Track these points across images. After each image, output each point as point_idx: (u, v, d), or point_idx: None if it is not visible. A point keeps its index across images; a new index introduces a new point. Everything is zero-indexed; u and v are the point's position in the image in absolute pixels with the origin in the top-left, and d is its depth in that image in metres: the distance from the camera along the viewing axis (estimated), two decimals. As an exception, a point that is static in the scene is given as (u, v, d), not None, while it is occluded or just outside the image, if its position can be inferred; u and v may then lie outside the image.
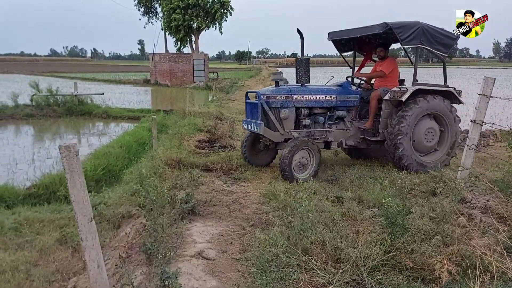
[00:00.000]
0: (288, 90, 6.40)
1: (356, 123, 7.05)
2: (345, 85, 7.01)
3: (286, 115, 6.36)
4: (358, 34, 7.02)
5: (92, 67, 75.38)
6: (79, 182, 2.44)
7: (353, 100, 6.93)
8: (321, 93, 6.63)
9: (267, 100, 6.29)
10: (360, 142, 7.08)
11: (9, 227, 4.74)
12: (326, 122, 6.76)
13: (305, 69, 6.52)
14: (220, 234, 4.05)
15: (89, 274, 2.50)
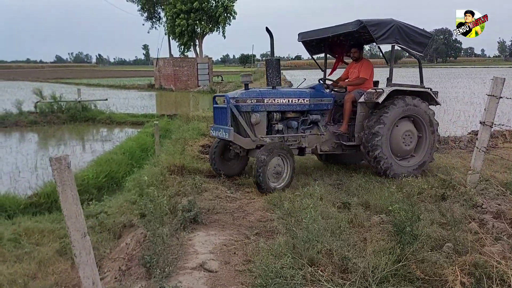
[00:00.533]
0: (258, 93, 6.04)
1: (331, 127, 6.73)
2: (318, 87, 6.67)
3: (258, 119, 5.98)
4: (331, 33, 6.65)
5: (97, 73, 75.75)
6: (71, 195, 2.33)
7: (327, 103, 6.59)
8: (293, 96, 6.27)
9: (236, 104, 5.88)
10: (335, 147, 6.78)
11: (8, 238, 4.65)
12: (300, 126, 6.42)
13: (276, 70, 6.18)
14: (223, 244, 3.92)
15: (84, 292, 2.39)
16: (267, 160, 5.52)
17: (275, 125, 6.18)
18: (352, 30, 6.17)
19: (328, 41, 7.39)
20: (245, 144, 5.97)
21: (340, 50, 7.54)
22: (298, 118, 6.41)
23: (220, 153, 6.55)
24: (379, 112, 6.25)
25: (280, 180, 5.79)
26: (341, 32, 6.47)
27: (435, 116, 6.78)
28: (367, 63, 6.97)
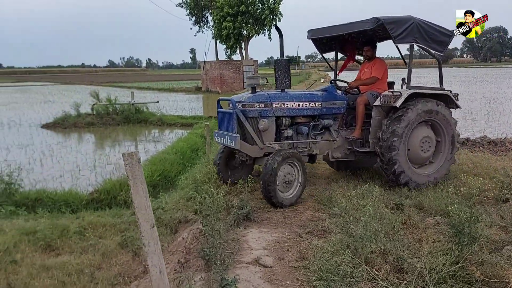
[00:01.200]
0: (267, 96, 5.54)
1: (343, 132, 6.22)
2: (330, 89, 6.15)
3: (266, 126, 5.49)
4: (344, 31, 6.10)
5: (147, 77, 78.37)
6: (142, 188, 2.50)
7: (339, 107, 6.07)
8: (304, 100, 5.78)
9: (243, 109, 5.40)
10: (348, 153, 6.26)
11: (74, 231, 4.97)
12: (310, 132, 5.93)
13: (285, 72, 5.75)
14: (276, 241, 4.01)
15: (151, 279, 2.54)
16: (276, 169, 5.02)
17: (284, 131, 5.74)
18: (368, 28, 5.66)
19: (339, 39, 6.88)
20: (252, 152, 5.51)
21: (352, 48, 7.05)
22: (309, 123, 5.96)
23: (225, 160, 6.11)
24: (396, 118, 5.71)
25: (291, 191, 5.30)
26: (355, 31, 5.98)
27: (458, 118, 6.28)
28: (380, 62, 6.52)
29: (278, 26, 5.83)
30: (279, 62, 5.75)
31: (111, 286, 3.75)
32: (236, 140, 5.26)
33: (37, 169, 9.39)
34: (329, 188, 5.83)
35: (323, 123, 5.96)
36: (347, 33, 6.21)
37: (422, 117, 5.78)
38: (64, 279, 3.88)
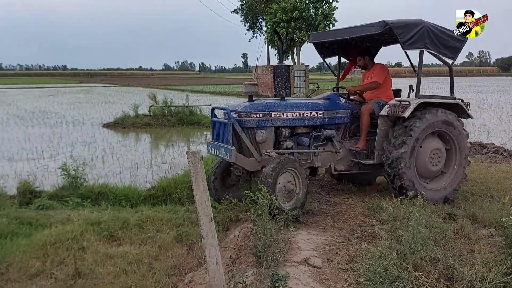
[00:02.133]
0: (265, 105, 5.19)
1: (346, 143, 5.88)
2: (332, 97, 5.81)
3: (264, 137, 5.14)
4: (348, 35, 5.80)
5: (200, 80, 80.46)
6: (202, 185, 2.71)
7: (343, 116, 5.72)
8: (305, 109, 5.41)
9: (239, 118, 5.05)
10: (352, 166, 5.92)
11: (134, 224, 5.31)
12: (312, 143, 5.56)
13: (285, 79, 5.43)
14: (325, 244, 4.11)
15: (208, 269, 2.74)
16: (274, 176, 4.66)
17: (284, 142, 5.37)
18: (374, 33, 5.37)
19: (342, 43, 6.51)
20: (249, 165, 5.15)
21: (355, 52, 6.62)
22: (310, 134, 5.58)
23: (221, 177, 5.73)
24: (404, 128, 5.43)
25: (293, 200, 4.91)
26: (361, 35, 5.69)
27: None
28: (380, 67, 6.21)
29: (277, 30, 5.80)
30: (278, 69, 5.42)
31: (167, 276, 4.00)
32: (232, 153, 4.87)
33: (99, 165, 10.01)
34: (379, 195, 5.83)
35: (325, 134, 5.60)
36: (351, 37, 5.89)
37: (432, 128, 5.50)
38: (125, 267, 4.18)
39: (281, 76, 5.40)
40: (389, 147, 5.46)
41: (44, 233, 4.74)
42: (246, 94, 5.30)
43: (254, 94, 5.29)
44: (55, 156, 11.04)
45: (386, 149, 5.50)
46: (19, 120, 19.21)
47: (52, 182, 7.95)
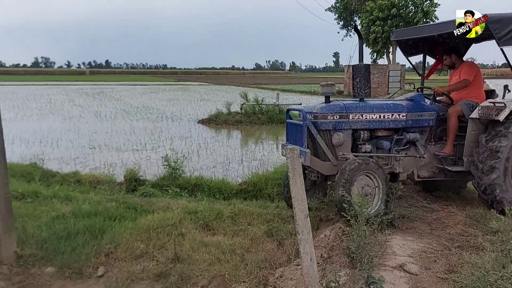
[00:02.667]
0: (342, 107, 4.95)
1: (431, 148, 5.44)
2: (417, 98, 5.42)
3: (340, 140, 4.91)
4: (435, 32, 5.32)
5: (290, 79, 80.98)
6: (299, 181, 2.74)
7: (428, 119, 5.32)
8: (386, 111, 5.10)
9: (314, 120, 4.86)
10: (437, 172, 5.48)
11: (227, 216, 5.53)
12: (393, 147, 5.21)
13: (364, 79, 5.17)
14: (422, 251, 3.92)
15: (302, 265, 2.77)
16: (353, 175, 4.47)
17: (362, 146, 5.09)
18: None
19: (428, 40, 6.03)
20: (324, 169, 4.96)
21: (442, 50, 6.09)
22: (391, 137, 5.24)
23: None
24: (498, 134, 4.87)
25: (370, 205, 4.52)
26: (448, 31, 5.08)
27: None
28: (468, 64, 5.71)
29: (357, 27, 5.49)
30: (358, 68, 5.17)
31: (258, 269, 4.11)
32: (306, 156, 4.69)
33: (195, 159, 10.58)
34: (483, 204, 5.39)
35: (408, 137, 5.22)
36: (438, 34, 5.40)
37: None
38: (219, 256, 4.38)
39: (360, 76, 5.16)
40: (479, 153, 4.94)
41: (147, 218, 5.13)
42: (322, 95, 5.04)
43: (332, 94, 5.04)
44: (156, 148, 11.89)
45: (477, 156, 4.99)
46: (126, 114, 20.98)
47: (153, 172, 8.59)
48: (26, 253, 4.36)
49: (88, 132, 14.97)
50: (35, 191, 6.39)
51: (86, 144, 12.61)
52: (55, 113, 21.42)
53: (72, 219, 5.08)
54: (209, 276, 4.02)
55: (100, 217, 5.21)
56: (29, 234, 4.65)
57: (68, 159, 10.49)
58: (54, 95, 34.55)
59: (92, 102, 28.31)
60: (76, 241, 4.55)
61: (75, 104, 26.91)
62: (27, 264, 4.22)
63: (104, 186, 7.02)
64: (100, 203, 5.86)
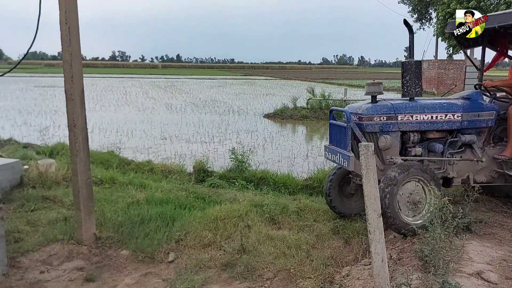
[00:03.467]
0: (390, 107, 4.58)
1: (490, 150, 4.96)
2: (474, 97, 4.93)
3: (388, 143, 4.54)
4: (497, 23, 4.74)
5: (358, 74, 78.81)
6: (373, 179, 2.67)
7: (486, 119, 4.84)
8: (439, 111, 4.68)
9: (359, 122, 4.56)
10: (496, 177, 4.99)
11: (292, 210, 5.53)
12: (446, 150, 4.79)
13: (415, 76, 4.73)
14: (502, 259, 3.65)
15: (373, 266, 2.70)
16: (399, 179, 4.12)
17: (412, 149, 4.71)
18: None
19: (488, 30, 5.39)
20: None
21: (504, 41, 5.53)
22: (444, 139, 4.84)
23: (339, 184, 5.31)
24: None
25: (418, 215, 4.27)
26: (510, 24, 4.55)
27: None
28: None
29: (407, 20, 4.77)
30: (408, 65, 4.73)
31: (324, 266, 4.06)
32: (350, 160, 4.42)
33: (260, 153, 10.67)
34: None
35: (464, 139, 4.79)
36: (499, 26, 4.82)
37: None
38: (284, 250, 4.39)
39: (411, 73, 4.74)
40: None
41: (215, 209, 5.27)
42: (369, 94, 4.70)
43: (379, 93, 4.66)
44: (223, 141, 12.17)
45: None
46: (195, 107, 21.67)
47: (220, 164, 8.80)
48: (103, 235, 4.68)
49: (160, 123, 15.66)
50: (112, 177, 6.81)
51: (158, 135, 13.20)
52: (130, 104, 22.63)
53: (146, 206, 5.36)
54: (275, 270, 4.05)
55: (171, 205, 5.44)
56: (107, 217, 4.97)
57: (142, 149, 11.06)
58: (129, 88, 36.56)
59: (164, 95, 29.55)
60: (149, 226, 4.79)
61: (148, 96, 28.24)
62: (104, 246, 4.52)
63: (175, 176, 7.32)
64: (171, 191, 6.12)
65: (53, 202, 5.71)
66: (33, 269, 4.03)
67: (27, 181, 6.23)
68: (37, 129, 12.92)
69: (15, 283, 3.76)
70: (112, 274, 4.03)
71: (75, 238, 4.53)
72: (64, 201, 5.68)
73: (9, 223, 4.79)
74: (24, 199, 5.66)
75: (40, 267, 4.07)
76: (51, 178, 6.35)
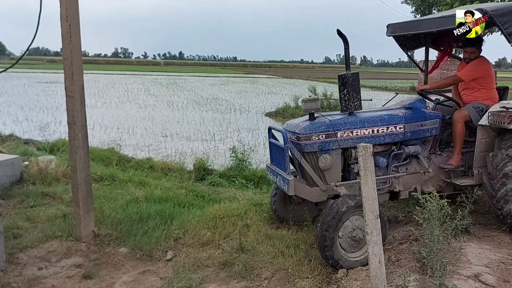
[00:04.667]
0: (328, 125, 4.23)
1: (436, 159, 4.76)
2: (416, 105, 4.66)
3: (328, 163, 4.18)
4: (435, 28, 4.58)
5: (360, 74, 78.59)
6: (371, 180, 2.66)
7: (430, 128, 4.60)
8: (380, 124, 4.39)
9: (297, 142, 4.21)
10: (444, 187, 4.81)
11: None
12: (390, 163, 4.53)
13: (353, 89, 4.37)
14: (500, 261, 3.64)
15: (370, 267, 2.69)
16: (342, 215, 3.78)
17: (355, 166, 4.40)
18: None
19: None
20: (312, 196, 4.33)
21: (447, 40, 5.39)
22: (388, 152, 4.58)
23: (283, 196, 5.02)
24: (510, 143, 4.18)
25: (360, 251, 3.95)
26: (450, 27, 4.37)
27: None
28: (479, 60, 4.82)
29: (340, 31, 4.38)
30: (345, 78, 4.36)
31: (322, 266, 4.05)
32: (290, 184, 4.12)
33: (261, 151, 10.65)
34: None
35: (408, 151, 4.53)
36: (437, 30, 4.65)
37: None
38: (283, 249, 4.39)
39: (348, 86, 4.37)
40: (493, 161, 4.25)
41: (214, 207, 5.28)
42: (306, 112, 4.35)
43: (316, 111, 4.30)
44: (224, 139, 12.18)
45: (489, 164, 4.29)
46: (196, 105, 21.68)
47: (220, 162, 8.80)
48: (102, 232, 4.69)
49: (161, 121, 15.67)
50: (112, 174, 6.82)
51: (159, 132, 13.21)
52: (132, 101, 22.66)
53: (145, 204, 5.36)
54: (273, 269, 4.05)
55: (170, 203, 5.45)
56: (106, 215, 4.98)
57: (142, 146, 11.08)
58: (131, 84, 36.59)
59: (166, 92, 29.57)
60: (147, 224, 4.80)
61: (150, 93, 28.26)
62: (102, 243, 4.53)
63: (175, 174, 7.33)
64: (171, 189, 6.12)
65: (53, 199, 5.72)
66: (31, 265, 4.04)
67: (27, 177, 6.24)
68: (38, 125, 12.94)
69: (13, 279, 3.77)
70: (110, 272, 4.04)
71: (73, 235, 4.54)
72: (63, 197, 5.69)
73: (8, 219, 4.80)
74: (23, 195, 5.67)
75: (38, 263, 4.08)
76: (51, 175, 6.36)
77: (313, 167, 4.28)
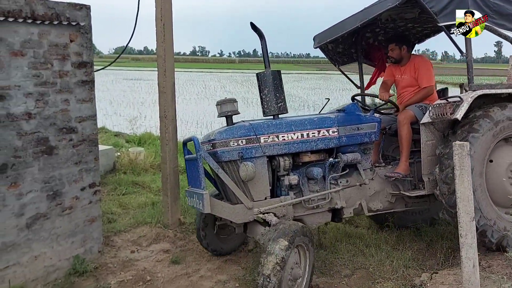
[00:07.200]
0: (249, 128, 3.67)
1: (380, 170, 4.18)
2: (350, 109, 4.11)
3: (251, 173, 3.48)
4: (360, 21, 4.16)
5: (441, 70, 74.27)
6: (467, 180, 2.54)
7: (368, 133, 4.01)
8: (310, 127, 3.81)
9: (213, 150, 3.63)
10: (394, 202, 4.20)
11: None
12: (328, 175, 3.88)
13: (274, 90, 3.84)
14: None
15: (463, 271, 2.58)
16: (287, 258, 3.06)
17: (285, 178, 3.75)
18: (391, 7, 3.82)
19: (361, 44, 5.28)
20: (235, 215, 3.59)
21: (380, 54, 5.28)
22: (324, 162, 3.94)
23: (213, 224, 4.19)
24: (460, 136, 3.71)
25: None
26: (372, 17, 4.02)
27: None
28: (420, 59, 4.56)
29: (254, 24, 3.86)
30: (265, 77, 3.87)
31: (405, 267, 3.94)
32: (204, 200, 3.46)
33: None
34: None
35: (346, 159, 3.91)
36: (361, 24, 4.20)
37: (502, 133, 3.82)
38: (363, 248, 4.34)
39: (269, 86, 3.86)
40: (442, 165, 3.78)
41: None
42: (222, 116, 3.83)
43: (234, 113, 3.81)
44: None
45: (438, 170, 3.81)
46: (270, 101, 21.87)
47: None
48: (187, 221, 4.95)
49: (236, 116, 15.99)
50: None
51: (235, 128, 13.54)
52: (209, 98, 23.44)
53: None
54: (353, 267, 4.02)
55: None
56: (191, 204, 5.25)
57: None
58: (208, 81, 37.86)
59: (241, 89, 30.20)
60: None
61: (226, 90, 29.06)
62: (188, 231, 4.79)
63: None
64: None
65: (142, 188, 6.15)
66: (124, 248, 4.38)
67: (119, 167, 6.76)
68: (126, 119, 13.87)
69: (110, 260, 4.11)
70: (195, 259, 4.25)
71: (161, 222, 4.86)
72: (151, 187, 6.09)
73: (104, 205, 5.24)
74: (116, 183, 6.16)
75: (131, 247, 4.42)
76: (140, 165, 6.83)
77: (234, 179, 3.64)
